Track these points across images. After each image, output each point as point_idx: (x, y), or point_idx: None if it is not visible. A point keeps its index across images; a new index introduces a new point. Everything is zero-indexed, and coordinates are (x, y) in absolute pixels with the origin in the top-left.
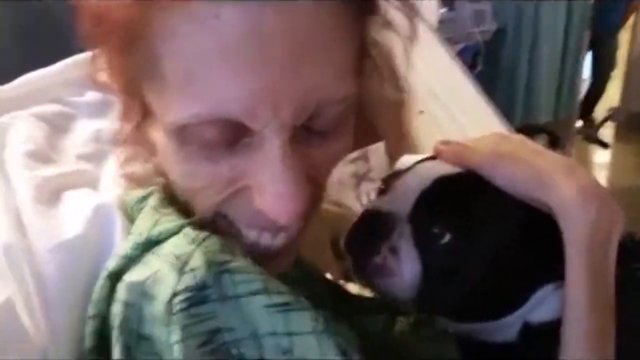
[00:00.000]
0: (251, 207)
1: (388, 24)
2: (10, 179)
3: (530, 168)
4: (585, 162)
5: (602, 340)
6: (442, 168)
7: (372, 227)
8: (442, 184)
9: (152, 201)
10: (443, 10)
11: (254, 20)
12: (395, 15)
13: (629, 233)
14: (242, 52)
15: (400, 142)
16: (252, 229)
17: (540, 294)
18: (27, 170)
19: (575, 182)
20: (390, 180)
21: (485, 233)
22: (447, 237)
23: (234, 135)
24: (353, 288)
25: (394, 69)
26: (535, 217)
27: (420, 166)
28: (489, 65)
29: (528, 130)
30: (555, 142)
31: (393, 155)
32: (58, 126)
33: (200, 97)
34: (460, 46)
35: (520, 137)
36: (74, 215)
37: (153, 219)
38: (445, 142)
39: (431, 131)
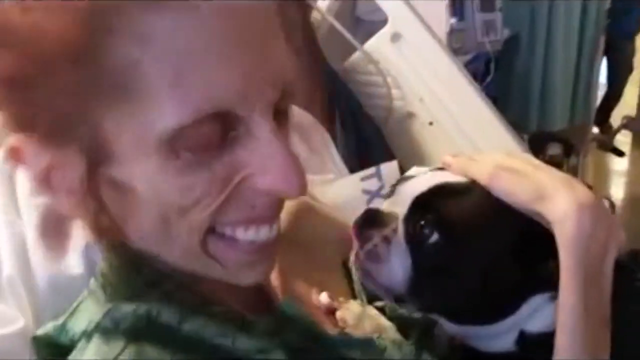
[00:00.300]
0: (249, 203)
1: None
2: (19, 204)
3: (530, 182)
4: (601, 170)
5: (594, 349)
6: (445, 177)
7: (371, 222)
8: (438, 190)
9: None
10: (453, 20)
11: (230, 9)
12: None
13: (632, 251)
14: (225, 40)
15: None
16: (250, 227)
17: (533, 302)
18: (34, 197)
19: (572, 197)
20: (396, 186)
21: (474, 237)
22: (435, 237)
23: (223, 130)
24: (356, 307)
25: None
26: (530, 228)
27: (425, 174)
28: (503, 72)
29: (541, 138)
30: (569, 150)
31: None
32: None
33: (194, 93)
34: (472, 55)
35: (525, 155)
36: (75, 251)
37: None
38: (454, 155)
39: (441, 142)
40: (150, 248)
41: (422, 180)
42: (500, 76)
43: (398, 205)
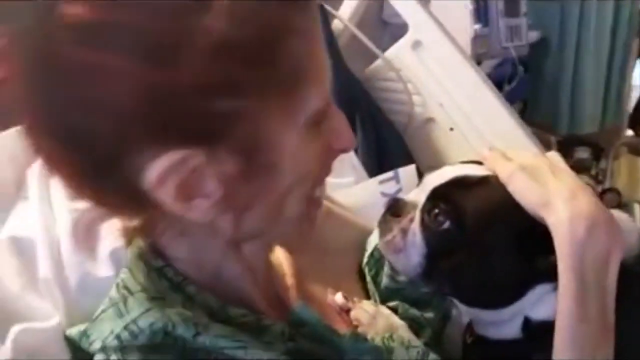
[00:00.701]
0: (329, 163)
1: None
2: (54, 209)
3: (540, 188)
4: (634, 173)
5: (590, 350)
6: (468, 170)
7: (394, 212)
8: (456, 182)
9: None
10: (477, 26)
11: None
12: None
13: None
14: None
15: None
16: (323, 184)
17: (537, 291)
18: (69, 202)
19: (570, 206)
20: (425, 176)
21: (482, 226)
22: (446, 224)
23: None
24: (369, 306)
25: None
26: (535, 224)
27: (450, 167)
28: (533, 75)
29: (570, 142)
30: (598, 154)
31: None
32: None
33: (323, 84)
34: (498, 59)
35: (555, 158)
36: (103, 254)
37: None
38: (491, 149)
39: (461, 147)
40: (250, 235)
41: (445, 171)
42: (530, 79)
43: (422, 194)
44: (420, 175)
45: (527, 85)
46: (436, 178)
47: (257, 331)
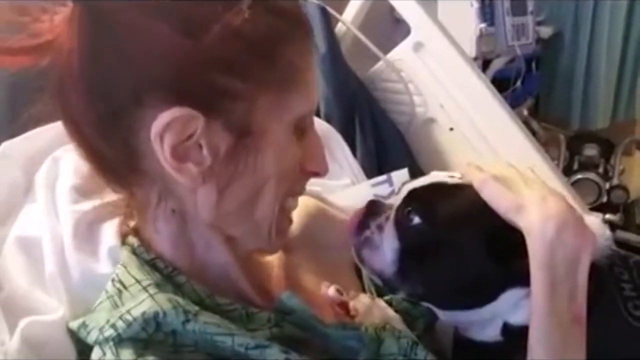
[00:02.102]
0: (300, 178)
1: None
2: (58, 210)
3: (512, 194)
4: None
5: (563, 347)
6: (444, 179)
7: (372, 212)
8: (430, 186)
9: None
10: (482, 25)
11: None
12: None
13: (622, 255)
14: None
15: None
16: (295, 197)
17: (511, 295)
18: (71, 204)
19: (540, 210)
20: (403, 185)
21: (449, 223)
22: (416, 220)
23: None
24: (366, 299)
25: None
26: (507, 228)
27: (427, 177)
28: (546, 70)
29: (580, 138)
30: (609, 150)
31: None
32: None
33: (310, 95)
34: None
35: (526, 168)
36: (102, 253)
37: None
38: (468, 163)
39: (461, 147)
40: (228, 223)
41: (422, 179)
42: (543, 74)
43: (396, 198)
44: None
45: (538, 81)
46: (412, 184)
47: (244, 319)
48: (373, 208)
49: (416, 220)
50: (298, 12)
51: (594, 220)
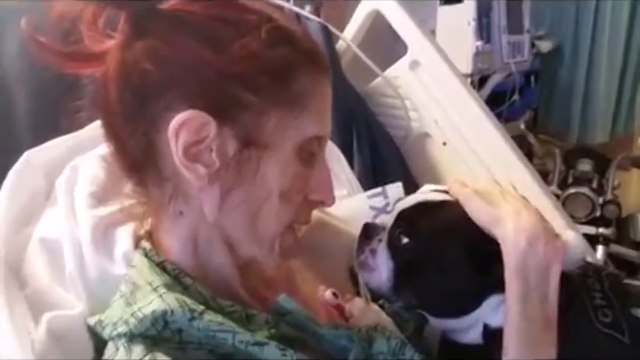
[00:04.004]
0: (304, 207)
1: None
2: (77, 215)
3: (491, 208)
4: None
5: (535, 348)
6: (430, 196)
7: (366, 234)
8: (419, 206)
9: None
10: (479, 43)
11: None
12: None
13: (594, 266)
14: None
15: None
16: (300, 224)
17: (492, 300)
18: (89, 209)
19: (515, 222)
20: (395, 204)
21: (434, 240)
22: (405, 240)
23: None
24: (360, 302)
25: None
26: (486, 240)
27: (420, 194)
28: (546, 83)
29: (575, 153)
30: (604, 166)
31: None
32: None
33: (322, 120)
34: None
35: (506, 186)
36: (117, 255)
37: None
38: (455, 180)
39: (453, 160)
40: (229, 229)
41: (411, 198)
42: (542, 88)
43: (388, 218)
44: (408, 190)
45: (537, 95)
46: (404, 204)
47: (244, 320)
48: (367, 231)
49: (405, 240)
50: (315, 47)
51: (571, 235)
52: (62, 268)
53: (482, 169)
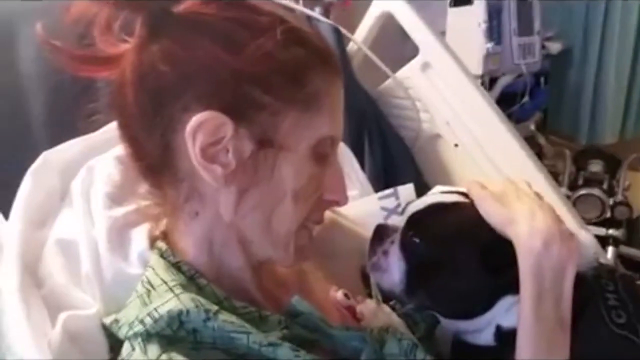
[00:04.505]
0: (318, 207)
1: None
2: (93, 216)
3: (505, 209)
4: None
5: (548, 349)
6: (442, 198)
7: (378, 236)
8: (431, 207)
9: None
10: (489, 44)
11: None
12: None
13: (609, 268)
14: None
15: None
16: (314, 223)
17: (504, 302)
18: (105, 210)
19: (530, 224)
20: (407, 205)
21: (447, 242)
22: (418, 242)
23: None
24: (372, 304)
25: None
26: (499, 241)
27: (431, 195)
28: (555, 85)
29: (586, 154)
30: (615, 166)
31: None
32: None
33: (335, 120)
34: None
35: (519, 184)
36: (133, 255)
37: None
38: (473, 181)
39: (464, 162)
40: (245, 229)
41: (422, 200)
42: (552, 89)
43: (400, 220)
44: (419, 191)
45: (547, 96)
46: (415, 206)
47: (257, 321)
48: (379, 233)
49: (417, 242)
50: (327, 49)
51: (585, 236)
52: (78, 268)
53: (493, 171)
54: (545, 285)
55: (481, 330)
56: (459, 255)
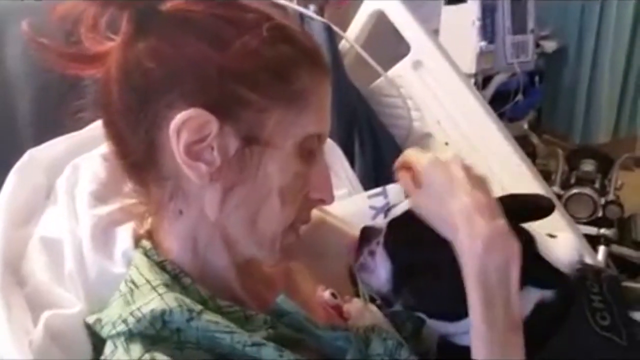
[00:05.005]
0: (305, 206)
1: None
2: (77, 214)
3: (442, 210)
4: None
5: (502, 353)
6: None
7: (365, 237)
8: (408, 212)
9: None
10: (482, 43)
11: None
12: None
13: (594, 269)
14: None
15: None
16: (301, 223)
17: None
18: (89, 209)
19: (468, 228)
20: (390, 209)
21: (429, 247)
22: (401, 244)
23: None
24: (359, 303)
25: None
26: None
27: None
28: (550, 84)
29: (579, 154)
30: (607, 166)
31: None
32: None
33: (322, 118)
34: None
35: (454, 169)
36: (117, 254)
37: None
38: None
39: None
40: (230, 227)
41: (404, 204)
42: (546, 88)
43: (385, 224)
44: None
45: (541, 95)
46: (395, 210)
47: (243, 320)
48: (365, 235)
49: (400, 245)
50: (314, 46)
51: (567, 237)
52: (61, 267)
53: (484, 170)
54: (491, 289)
55: (467, 332)
56: (443, 257)
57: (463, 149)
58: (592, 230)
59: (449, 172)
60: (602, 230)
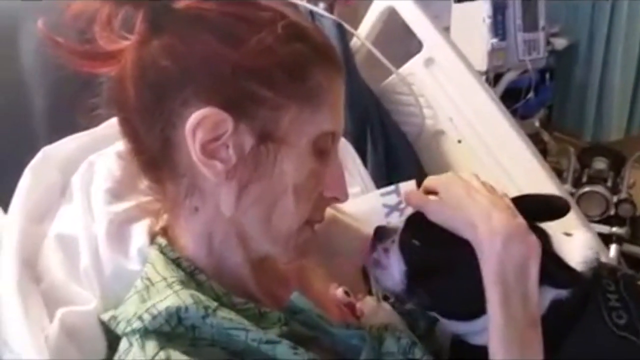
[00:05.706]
0: (319, 205)
1: None
2: (93, 211)
3: (461, 213)
4: None
5: (520, 350)
6: None
7: (380, 236)
8: None
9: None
10: (494, 40)
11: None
12: None
13: (610, 267)
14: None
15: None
16: (315, 222)
17: None
18: (105, 206)
19: (487, 226)
20: (406, 207)
21: (445, 246)
22: (417, 244)
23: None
24: (372, 301)
25: None
26: None
27: None
28: (561, 81)
29: (591, 152)
30: (619, 163)
31: None
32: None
33: (337, 116)
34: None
35: (472, 181)
36: (133, 251)
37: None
38: (410, 192)
39: (467, 158)
40: (245, 225)
41: None
42: (558, 85)
43: (402, 222)
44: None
45: (552, 92)
46: (409, 210)
47: (257, 317)
48: (379, 234)
49: (417, 244)
50: (328, 44)
51: (583, 235)
52: (77, 264)
53: (496, 167)
54: (510, 285)
55: (480, 331)
56: (458, 257)
57: (475, 147)
58: (604, 228)
59: (465, 181)
60: (614, 229)
